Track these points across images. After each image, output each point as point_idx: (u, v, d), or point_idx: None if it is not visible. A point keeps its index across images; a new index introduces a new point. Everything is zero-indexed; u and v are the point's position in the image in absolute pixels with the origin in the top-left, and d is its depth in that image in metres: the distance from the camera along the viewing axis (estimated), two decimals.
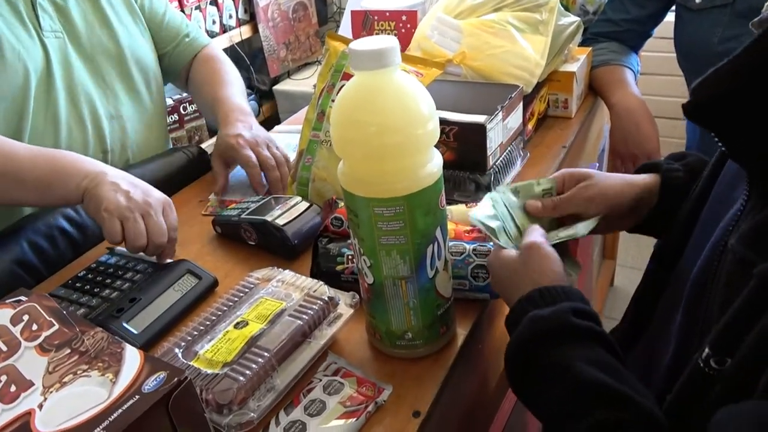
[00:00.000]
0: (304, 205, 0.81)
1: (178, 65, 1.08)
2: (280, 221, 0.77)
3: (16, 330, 0.51)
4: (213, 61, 1.07)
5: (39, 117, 0.87)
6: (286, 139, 1.16)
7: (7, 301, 0.56)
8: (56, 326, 0.52)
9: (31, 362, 0.49)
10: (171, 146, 1.10)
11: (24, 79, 0.85)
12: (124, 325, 0.68)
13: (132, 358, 0.49)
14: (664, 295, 0.61)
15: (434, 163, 0.54)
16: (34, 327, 0.51)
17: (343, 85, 0.85)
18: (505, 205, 0.66)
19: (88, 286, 0.76)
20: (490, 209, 0.64)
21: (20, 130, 0.86)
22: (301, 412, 0.56)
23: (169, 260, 0.77)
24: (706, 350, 0.41)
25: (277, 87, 2.47)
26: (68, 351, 0.50)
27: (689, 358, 0.45)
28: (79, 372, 0.49)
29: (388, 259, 0.55)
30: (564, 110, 1.08)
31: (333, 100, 0.85)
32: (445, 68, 0.98)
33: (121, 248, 0.80)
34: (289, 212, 0.79)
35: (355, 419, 0.55)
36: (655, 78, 2.13)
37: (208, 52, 1.09)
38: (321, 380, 0.59)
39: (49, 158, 0.76)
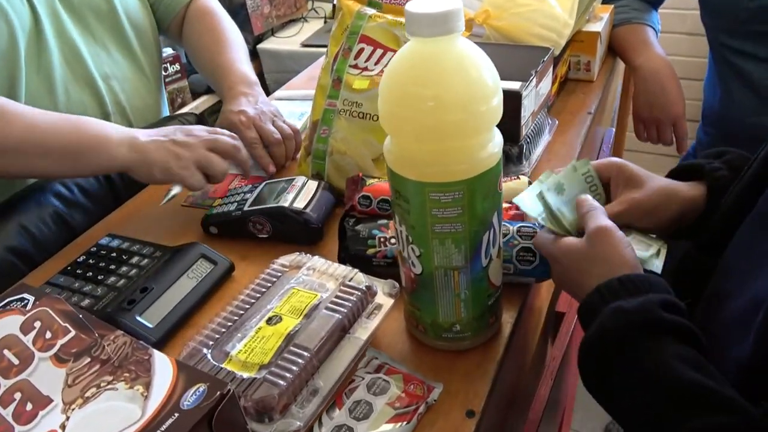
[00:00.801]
0: (314, 183, 0.75)
1: (168, 16, 0.98)
2: (299, 204, 0.70)
3: (28, 339, 0.44)
4: (209, 17, 0.98)
5: (32, 79, 0.80)
6: (288, 106, 1.08)
7: (10, 300, 0.49)
8: (72, 332, 0.46)
9: (47, 375, 0.43)
10: (168, 111, 1.02)
11: (10, 38, 0.77)
12: (138, 318, 0.62)
13: (163, 367, 0.44)
14: (708, 287, 0.57)
15: (496, 142, 0.48)
16: (48, 335, 0.45)
17: (361, 49, 0.79)
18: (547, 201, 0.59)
19: (91, 273, 0.70)
20: (534, 200, 0.58)
21: (14, 93, 0.78)
22: (346, 415, 0.51)
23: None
24: None
25: (261, 45, 2.35)
26: (88, 360, 0.45)
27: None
28: (102, 385, 0.43)
29: (441, 248, 0.50)
30: (586, 73, 1.02)
31: (351, 66, 0.78)
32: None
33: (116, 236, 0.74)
34: (303, 194, 0.73)
35: (406, 422, 0.50)
36: (672, 36, 2.04)
37: (201, 3, 0.99)
38: (363, 378, 0.54)
39: (72, 126, 0.71)
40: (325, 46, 0.84)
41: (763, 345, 0.45)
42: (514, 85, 0.73)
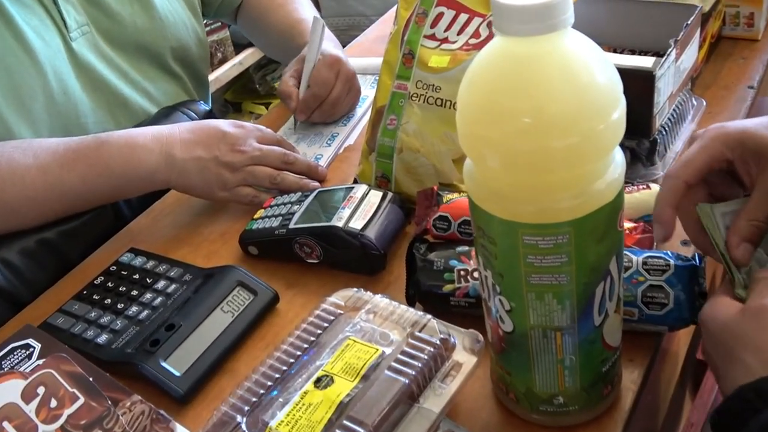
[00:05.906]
0: (377, 194, 0.74)
1: (232, 5, 1.17)
2: (357, 224, 0.69)
3: (30, 409, 0.46)
4: None
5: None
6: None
7: (14, 347, 0.52)
8: (81, 399, 0.47)
9: None
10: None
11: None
12: (162, 364, 0.63)
13: None
14: None
15: (615, 166, 0.45)
16: (53, 403, 0.47)
17: (440, 14, 0.76)
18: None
19: (109, 300, 0.72)
20: None
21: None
22: None
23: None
24: None
25: None
26: None
27: None
28: None
29: (539, 304, 0.48)
30: (747, 29, 0.95)
31: (426, 36, 0.76)
32: None
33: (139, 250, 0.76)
34: (363, 209, 0.71)
35: None
36: None
37: None
38: None
39: (113, 144, 0.80)
40: None
41: None
42: (646, 63, 0.69)
